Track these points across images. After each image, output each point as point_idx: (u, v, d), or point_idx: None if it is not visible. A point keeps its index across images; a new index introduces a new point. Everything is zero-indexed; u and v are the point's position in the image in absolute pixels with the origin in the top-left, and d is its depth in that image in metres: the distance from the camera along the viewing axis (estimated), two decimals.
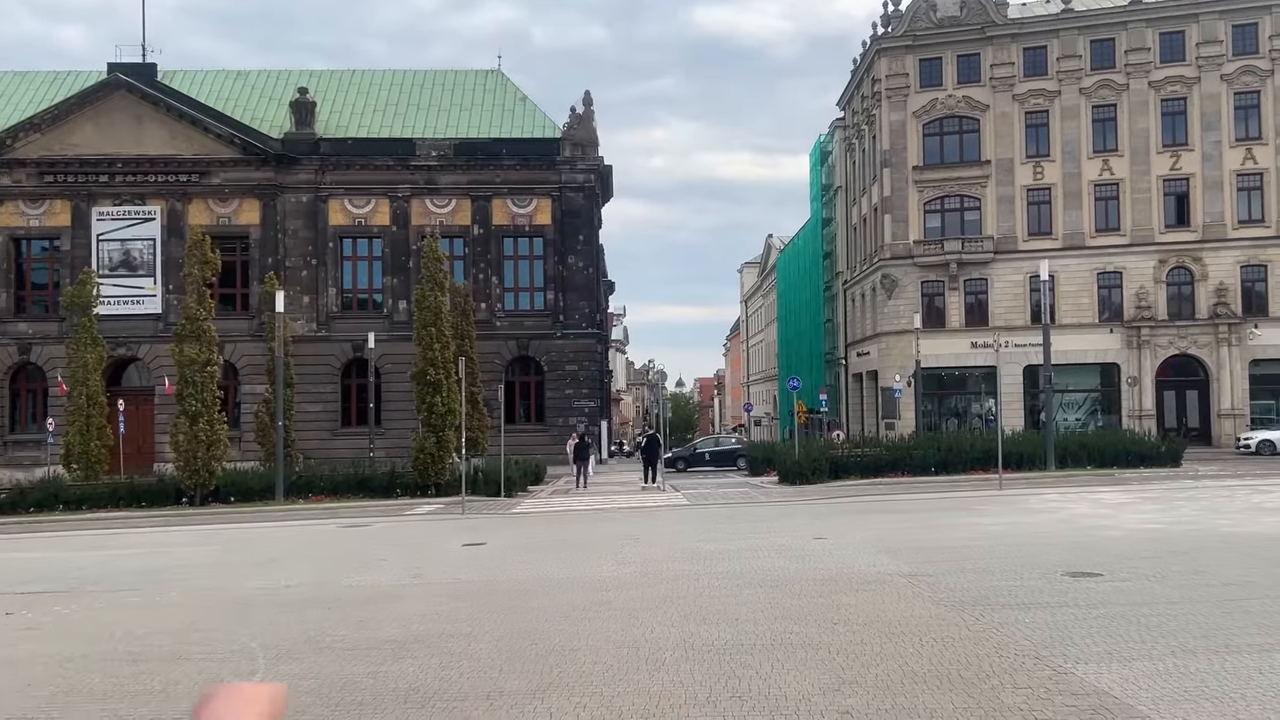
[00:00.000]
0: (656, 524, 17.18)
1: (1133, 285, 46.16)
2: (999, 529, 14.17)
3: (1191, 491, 19.57)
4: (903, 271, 48.57)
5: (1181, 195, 46.03)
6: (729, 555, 12.39)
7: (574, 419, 46.46)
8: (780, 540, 13.73)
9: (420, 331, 28.79)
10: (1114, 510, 16.35)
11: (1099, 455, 29.25)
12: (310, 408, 47.43)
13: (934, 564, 10.99)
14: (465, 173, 48.32)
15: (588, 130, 48.89)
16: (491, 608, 9.32)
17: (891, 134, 49.16)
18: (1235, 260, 45.16)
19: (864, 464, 28.01)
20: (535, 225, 48.45)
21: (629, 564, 11.93)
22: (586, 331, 47.99)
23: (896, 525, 15.17)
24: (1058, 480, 24.85)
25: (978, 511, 16.89)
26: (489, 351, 45.96)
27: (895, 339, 48.54)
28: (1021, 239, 47.45)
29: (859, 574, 10.46)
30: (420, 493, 27.89)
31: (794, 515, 17.73)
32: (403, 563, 13.03)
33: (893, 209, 48.99)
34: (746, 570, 11.00)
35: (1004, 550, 11.82)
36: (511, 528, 17.85)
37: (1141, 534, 12.99)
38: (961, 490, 22.54)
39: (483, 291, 47.87)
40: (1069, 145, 46.90)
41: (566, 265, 47.98)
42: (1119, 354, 46.16)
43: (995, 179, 47.69)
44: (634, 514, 19.87)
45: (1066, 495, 19.75)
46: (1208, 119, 45.39)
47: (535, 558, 12.98)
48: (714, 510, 19.86)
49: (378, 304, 48.94)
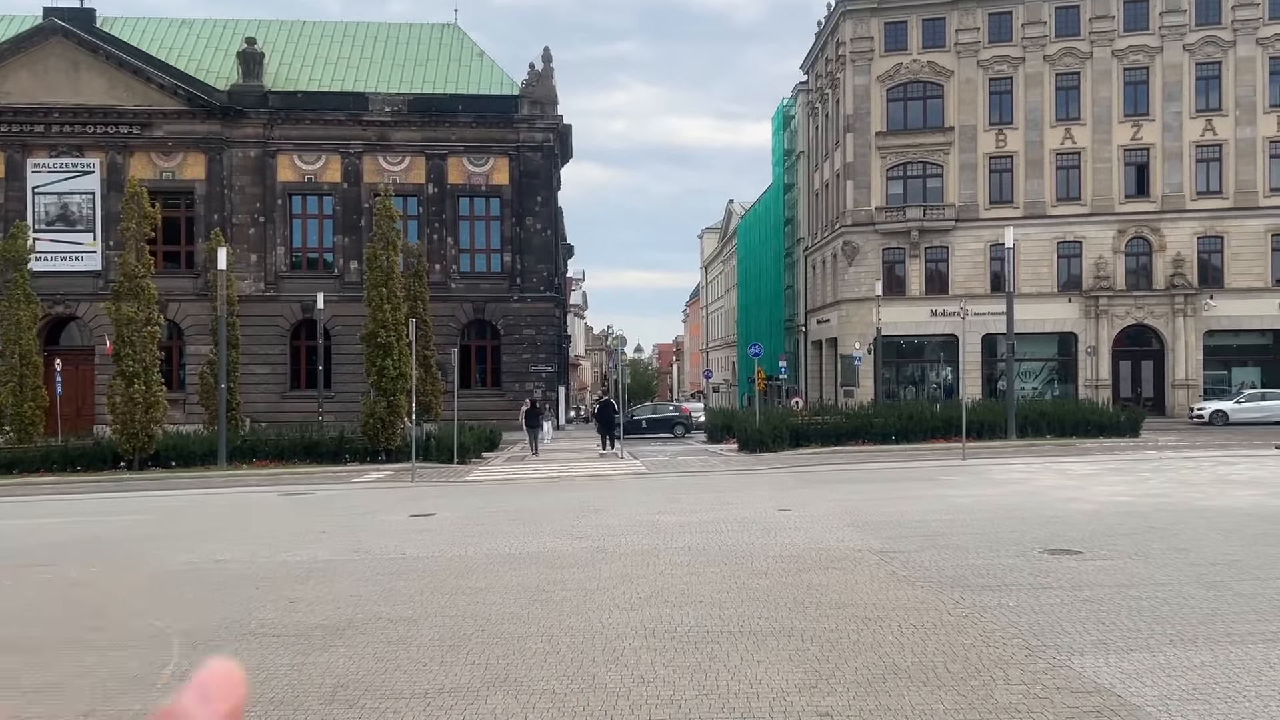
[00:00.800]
0: (615, 494, 16.55)
1: (1092, 255, 46.19)
2: (967, 501, 13.72)
3: (1156, 463, 19.33)
4: (864, 238, 48.18)
5: (1142, 166, 46.02)
6: (691, 528, 11.79)
7: (531, 384, 45.71)
8: (743, 512, 13.16)
9: (370, 292, 27.78)
10: (1081, 482, 16.00)
11: (1059, 425, 29.13)
12: (258, 370, 46.18)
13: (905, 539, 10.47)
14: (420, 129, 46.96)
15: (547, 88, 47.67)
16: (435, 588, 8.62)
17: (855, 99, 48.54)
18: (1193, 231, 45.32)
19: (825, 432, 27.60)
20: (492, 185, 47.30)
21: (585, 538, 11.29)
22: (544, 295, 47.09)
23: (862, 497, 14.66)
24: (1019, 450, 24.60)
25: (944, 483, 16.46)
26: (444, 315, 44.91)
27: (855, 306, 48.25)
28: (983, 207, 47.23)
29: (828, 550, 9.90)
30: (370, 459, 27.05)
31: (756, 485, 17.19)
32: (344, 535, 12.27)
33: (855, 175, 48.49)
34: (710, 546, 10.39)
35: (975, 525, 11.35)
36: (463, 497, 17.13)
37: (1114, 508, 12.59)
38: (925, 460, 22.16)
39: (437, 253, 46.72)
40: (1032, 113, 46.63)
41: (524, 227, 46.94)
42: (1077, 323, 46.25)
43: (958, 146, 47.34)
44: (592, 483, 19.23)
45: (1031, 466, 19.44)
46: (1169, 89, 45.31)
47: (486, 530, 12.29)
48: (674, 479, 19.27)
49: (328, 264, 47.59)
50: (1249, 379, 45.28)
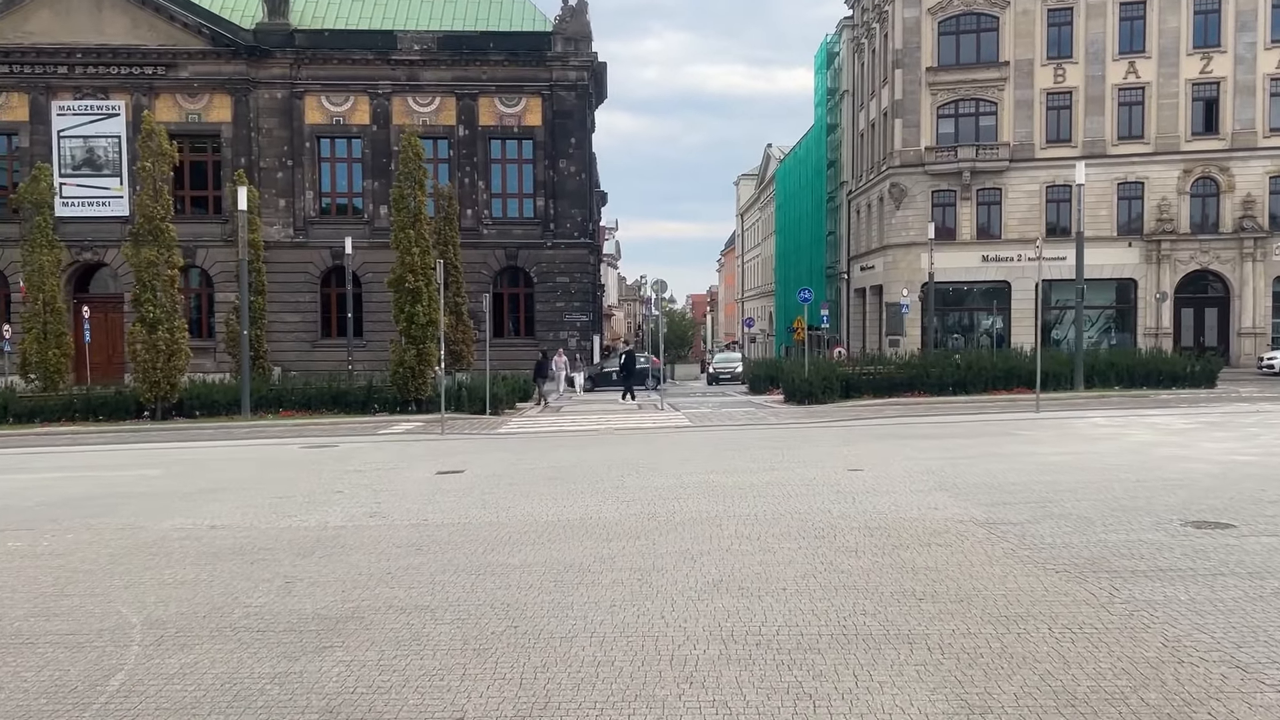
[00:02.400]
0: (659, 449, 15.10)
1: (1154, 197, 43.78)
2: (1063, 460, 12.13)
3: (1256, 416, 17.58)
4: (913, 180, 45.99)
5: (1211, 100, 43.32)
6: (752, 491, 10.33)
7: (565, 333, 44.33)
8: (808, 472, 11.66)
9: (398, 234, 26.35)
10: (1183, 439, 14.34)
11: (1128, 375, 27.35)
12: (289, 318, 45.18)
13: (1009, 507, 8.94)
14: (450, 69, 45.18)
15: (581, 24, 45.60)
16: (460, 565, 7.23)
17: (905, 32, 46.05)
18: (1265, 171, 42.71)
19: (877, 383, 26.00)
20: (524, 126, 45.52)
21: (632, 502, 9.86)
22: (578, 241, 45.46)
23: (939, 454, 13.10)
24: (1091, 401, 22.88)
25: (1025, 438, 14.85)
26: (475, 261, 43.49)
27: (903, 252, 46.23)
28: (1039, 147, 44.84)
29: (921, 520, 8.39)
30: (400, 409, 25.89)
31: (815, 441, 15.67)
32: (363, 495, 10.94)
33: (904, 113, 46.16)
34: (778, 513, 8.92)
35: (1086, 489, 9.78)
36: (494, 451, 15.77)
37: (1239, 469, 10.95)
38: (991, 412, 20.53)
39: (469, 197, 45.18)
40: (1094, 46, 43.95)
41: (558, 170, 45.20)
42: (1137, 269, 43.99)
43: (1013, 82, 44.83)
44: (631, 437, 17.82)
45: (1114, 419, 17.76)
46: (1243, 18, 42.45)
47: (520, 491, 10.90)
48: (721, 434, 17.79)
49: (358, 209, 46.26)
50: None
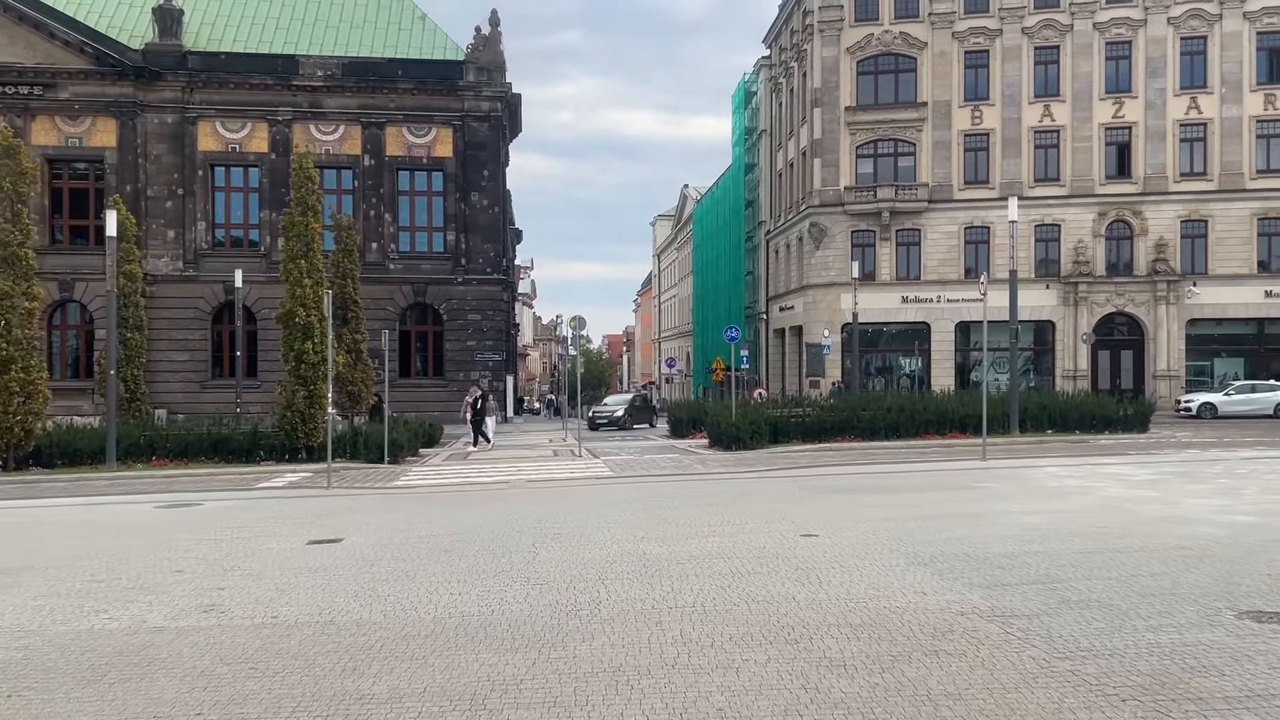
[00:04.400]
0: (578, 507, 13.14)
1: (1071, 239, 43.81)
2: (1042, 521, 10.58)
3: (1220, 465, 16.47)
4: (832, 220, 45.26)
5: (1123, 145, 43.68)
6: (693, 566, 8.47)
7: (477, 373, 42.12)
8: (756, 539, 9.86)
9: (288, 265, 24.00)
10: (1155, 491, 13.01)
11: (1061, 418, 26.46)
12: (176, 356, 42.16)
13: (1011, 590, 7.26)
14: (355, 96, 43.08)
15: (494, 54, 44.00)
16: (304, 700, 5.18)
17: (824, 71, 45.55)
18: (1176, 215, 43.10)
19: (806, 427, 24.52)
20: (434, 157, 43.57)
21: (545, 586, 7.90)
22: (491, 277, 43.46)
23: (898, 513, 11.45)
24: (1032, 447, 21.71)
25: (985, 492, 13.35)
26: (380, 297, 41.18)
27: (823, 292, 45.36)
28: (957, 188, 44.61)
29: (913, 613, 6.64)
30: (288, 457, 23.42)
31: (753, 495, 13.90)
32: (207, 577, 8.74)
33: (823, 152, 45.51)
34: (731, 603, 7.08)
35: (1089, 562, 8.20)
36: (385, 510, 13.61)
37: (1248, 532, 9.54)
38: (933, 459, 19.12)
39: (374, 230, 42.94)
40: (1009, 89, 44.02)
41: (469, 203, 43.27)
42: (1055, 311, 43.84)
43: (931, 123, 44.61)
44: (545, 491, 15.82)
45: (1069, 468, 16.46)
46: (1153, 65, 42.98)
47: (405, 569, 8.83)
48: (648, 487, 15.91)
49: (254, 241, 43.59)
50: (1232, 370, 43.22)
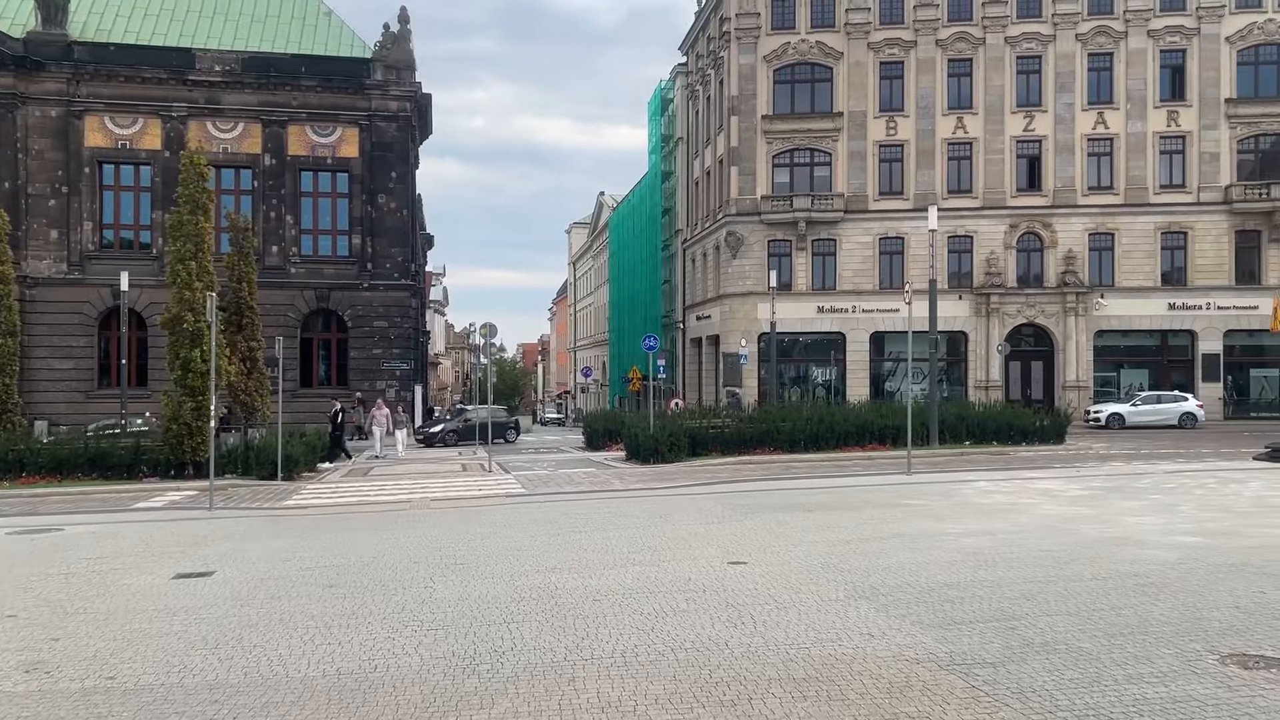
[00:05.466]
0: (485, 531, 12.06)
1: (983, 251, 44.19)
2: (982, 545, 9.91)
3: (1145, 479, 16.18)
4: (749, 229, 44.88)
5: (1034, 159, 44.27)
6: (612, 604, 7.51)
7: (384, 382, 40.53)
8: (681, 568, 8.95)
9: (175, 267, 22.34)
10: (1090, 509, 12.51)
11: (979, 430, 26.31)
12: (59, 364, 39.66)
13: (965, 629, 6.49)
14: (256, 92, 41.14)
15: (403, 51, 42.52)
16: None
17: (741, 79, 45.20)
18: (1084, 228, 43.81)
19: (726, 439, 23.77)
20: (339, 158, 41.85)
21: (441, 632, 6.86)
22: (399, 283, 41.89)
23: (830, 536, 10.68)
24: (954, 460, 21.34)
25: (918, 511, 12.69)
26: (281, 302, 39.34)
27: (740, 301, 44.94)
28: (872, 198, 44.65)
29: (861, 661, 5.80)
30: (174, 473, 21.74)
31: (675, 516, 12.99)
32: (42, 622, 7.46)
33: (740, 160, 45.14)
34: (658, 652, 6.14)
35: (1043, 593, 7.53)
36: (269, 536, 12.33)
37: (1199, 555, 9.01)
38: (857, 473, 18.52)
39: (275, 232, 41.03)
40: (924, 100, 44.26)
41: (376, 206, 41.67)
42: (967, 322, 44.11)
43: (847, 133, 44.60)
44: (450, 512, 14.67)
45: (997, 483, 15.97)
46: (1062, 80, 43.68)
47: (278, 611, 7.68)
48: (562, 506, 14.88)
49: (145, 243, 41.28)
50: (1137, 381, 44.06)
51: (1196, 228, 42.88)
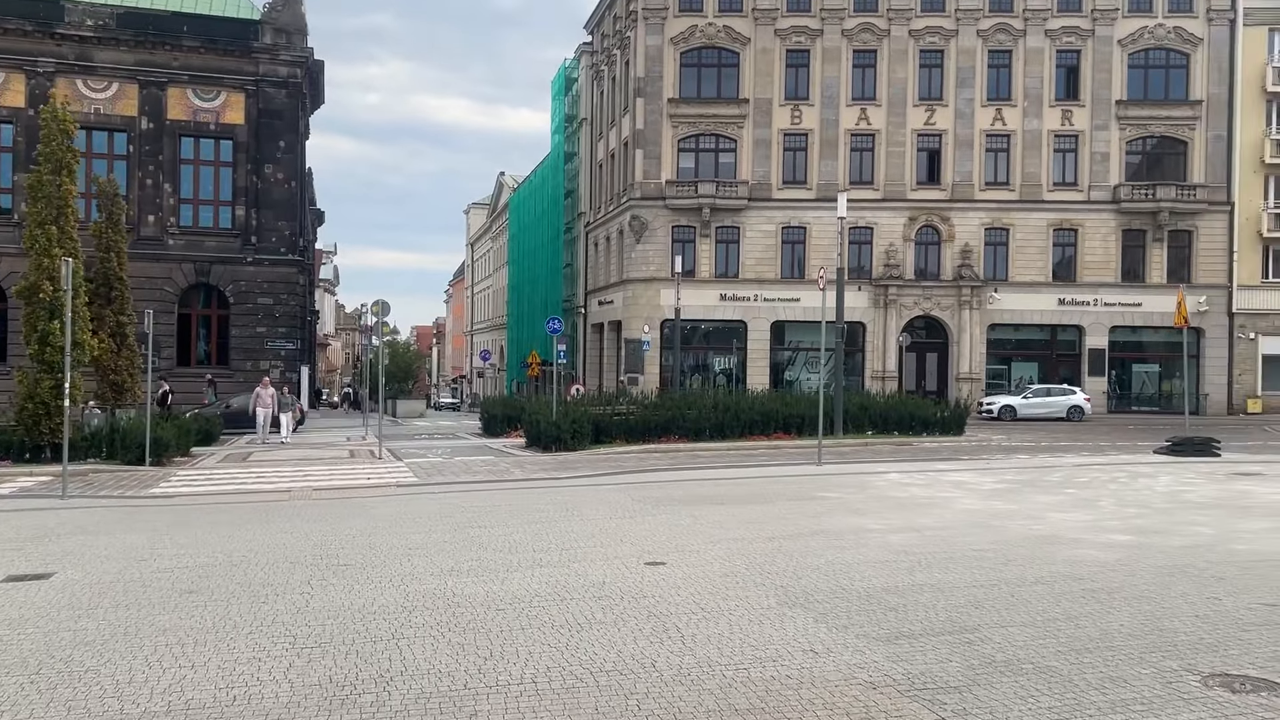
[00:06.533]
0: (374, 526, 10.97)
1: (882, 242, 44.40)
2: (910, 543, 9.35)
3: (1055, 472, 16.01)
4: (653, 214, 44.16)
5: (934, 152, 44.64)
6: (519, 614, 6.62)
7: (268, 362, 38.47)
8: (594, 570, 8.10)
9: (33, 232, 20.41)
10: (1010, 503, 12.14)
11: (881, 420, 26.22)
12: None
13: (917, 644, 5.83)
14: (132, 50, 38.48)
15: (295, 14, 40.36)
16: None
17: (647, 60, 44.39)
18: (981, 222, 44.40)
19: (630, 426, 23.03)
20: (224, 124, 39.51)
21: (316, 652, 5.86)
22: (286, 258, 39.82)
23: (751, 533, 9.98)
24: (861, 450, 21.05)
25: (836, 504, 12.12)
26: (157, 275, 36.98)
27: (643, 287, 44.22)
28: (776, 187, 44.42)
29: (807, 683, 5.09)
30: (31, 456, 19.87)
31: (583, 509, 12.12)
32: None
33: (645, 144, 44.35)
34: (575, 677, 5.29)
35: (990, 599, 6.96)
36: (125, 530, 11.00)
37: (1138, 556, 8.60)
38: (765, 463, 17.98)
39: (151, 201, 38.53)
40: (829, 90, 44.19)
41: (263, 176, 39.49)
42: (866, 313, 44.28)
43: (753, 120, 44.25)
44: (338, 504, 13.48)
45: (909, 475, 15.58)
46: (963, 75, 44.14)
47: (125, 624, 6.54)
48: (459, 498, 13.84)
49: (5, 209, 38.24)
50: (1027, 374, 45.01)
51: (1086, 225, 43.92)
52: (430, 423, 43.40)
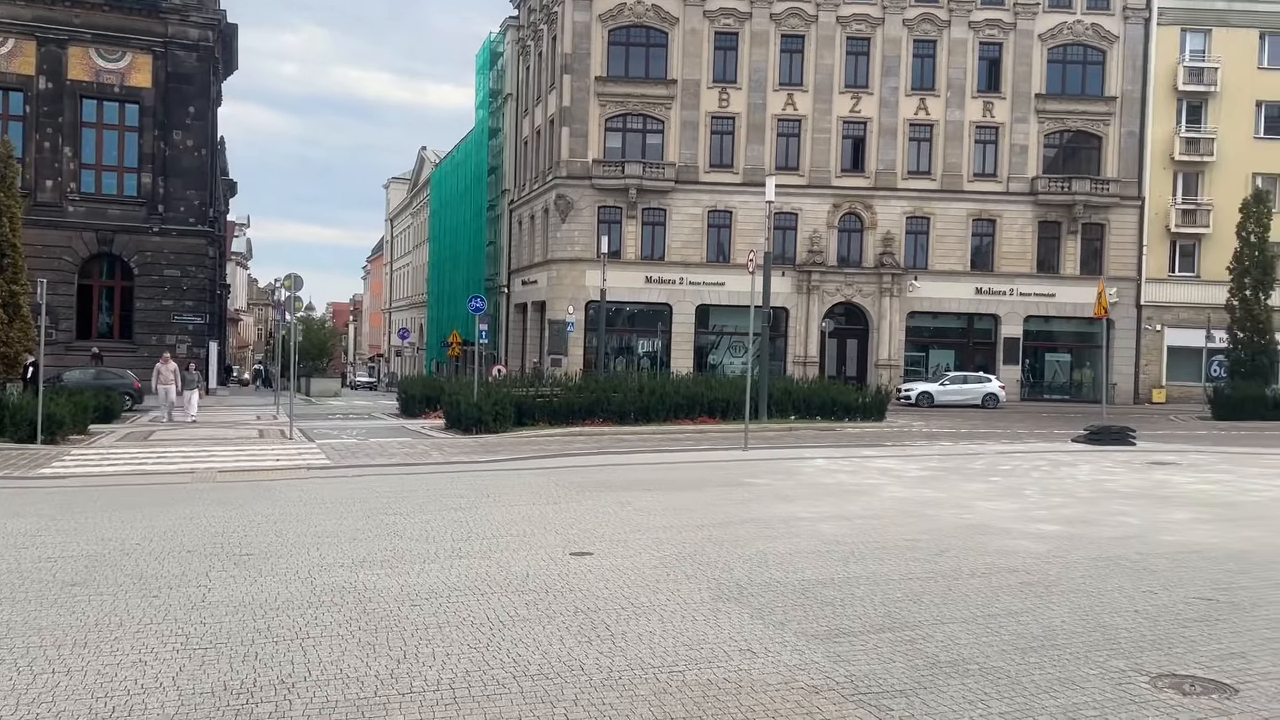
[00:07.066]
0: (282, 512, 10.36)
1: (807, 228, 44.59)
2: (843, 532, 9.14)
3: (978, 459, 16.07)
4: (579, 193, 43.63)
5: (859, 140, 44.91)
6: (436, 610, 6.18)
7: (174, 336, 36.94)
8: (516, 560, 7.69)
9: None
10: (938, 491, 12.07)
11: (804, 405, 26.22)
12: None
13: (856, 640, 5.58)
14: (29, 5, 36.48)
15: None
16: None
17: (575, 37, 43.71)
18: (902, 211, 44.87)
19: (554, 409, 22.58)
20: (129, 87, 37.70)
21: (214, 651, 5.36)
22: (194, 229, 38.26)
23: (681, 519, 9.68)
24: (785, 435, 21.00)
25: (764, 491, 11.89)
26: (55, 244, 35.20)
27: (568, 267, 43.69)
28: (703, 170, 44.27)
29: (746, 687, 4.81)
30: None
31: (506, 494, 11.67)
32: None
33: (572, 121, 43.72)
34: (497, 680, 4.92)
35: (928, 592, 6.78)
36: (10, 514, 10.17)
37: (1069, 547, 8.53)
38: (690, 447, 17.74)
39: (49, 165, 36.62)
40: (756, 74, 44.11)
41: (171, 143, 37.83)
42: (789, 298, 44.43)
43: (681, 101, 43.97)
44: (243, 488, 12.78)
45: (835, 460, 15.48)
46: (888, 63, 44.43)
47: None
48: (375, 482, 13.24)
49: None
50: (944, 361, 45.73)
51: (1004, 216, 44.69)
52: (345, 402, 42.29)
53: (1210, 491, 12.48)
